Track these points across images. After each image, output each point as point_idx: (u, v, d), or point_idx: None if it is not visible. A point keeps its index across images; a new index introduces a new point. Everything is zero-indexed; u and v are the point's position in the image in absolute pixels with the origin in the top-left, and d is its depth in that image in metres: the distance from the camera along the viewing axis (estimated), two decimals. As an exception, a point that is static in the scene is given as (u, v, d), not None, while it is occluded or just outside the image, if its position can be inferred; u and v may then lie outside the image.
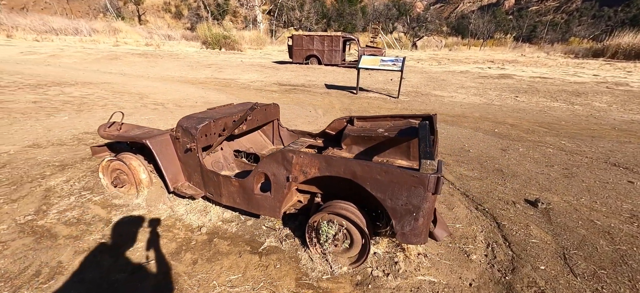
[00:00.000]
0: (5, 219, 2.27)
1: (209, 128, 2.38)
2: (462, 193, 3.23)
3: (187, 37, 29.21)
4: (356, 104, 7.78)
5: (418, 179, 1.66)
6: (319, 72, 13.29)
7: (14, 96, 5.90)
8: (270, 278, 1.88)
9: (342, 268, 1.99)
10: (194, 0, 52.01)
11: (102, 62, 12.80)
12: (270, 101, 7.51)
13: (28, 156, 3.41)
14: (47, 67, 10.58)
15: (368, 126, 3.04)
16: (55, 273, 1.79)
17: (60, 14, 37.34)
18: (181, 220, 2.38)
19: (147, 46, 23.48)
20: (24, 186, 2.77)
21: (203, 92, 7.92)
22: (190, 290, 1.75)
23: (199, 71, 11.87)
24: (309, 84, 10.37)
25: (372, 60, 8.91)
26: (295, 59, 15.80)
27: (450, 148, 4.61)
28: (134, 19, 43.59)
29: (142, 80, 9.27)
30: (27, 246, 2.00)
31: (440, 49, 35.83)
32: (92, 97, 6.39)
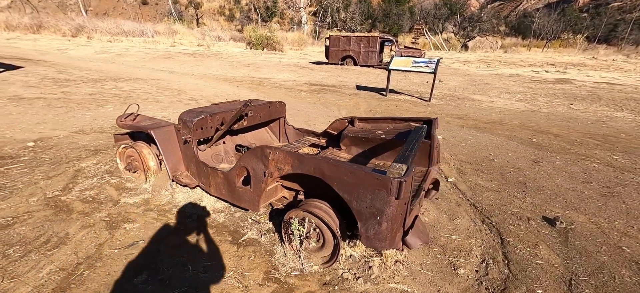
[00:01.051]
0: (38, 193, 2.65)
1: (206, 122, 2.53)
2: (471, 203, 3.00)
3: (235, 39, 30.95)
4: (383, 106, 7.60)
5: (381, 182, 1.60)
6: (352, 73, 13.20)
7: (76, 89, 6.81)
8: (241, 268, 1.95)
9: (313, 266, 1.99)
10: (246, 4, 54.91)
11: (156, 60, 14.15)
12: (298, 100, 7.66)
13: (72, 140, 3.93)
14: (111, 65, 12.00)
15: (368, 128, 2.97)
16: (61, 243, 2.05)
17: (133, 18, 41.82)
18: (177, 207, 2.56)
19: (199, 46, 25.36)
20: (61, 166, 3.21)
21: (236, 90, 8.35)
22: (166, 270, 1.89)
23: (237, 69, 12.53)
24: (339, 85, 10.36)
25: (404, 61, 8.61)
26: (331, 60, 15.88)
27: (471, 156, 4.30)
28: (192, 21, 47.31)
29: (185, 77, 10.07)
30: (46, 217, 2.32)
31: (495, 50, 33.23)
32: (138, 91, 7.12)
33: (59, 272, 1.81)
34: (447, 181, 3.49)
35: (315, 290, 1.83)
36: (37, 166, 3.15)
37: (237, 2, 55.90)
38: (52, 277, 1.76)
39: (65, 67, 9.67)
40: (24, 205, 2.45)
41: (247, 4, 54.37)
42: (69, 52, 15.87)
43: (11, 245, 2.00)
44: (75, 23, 28.57)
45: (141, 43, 24.38)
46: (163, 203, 2.61)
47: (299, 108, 6.75)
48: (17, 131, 4.12)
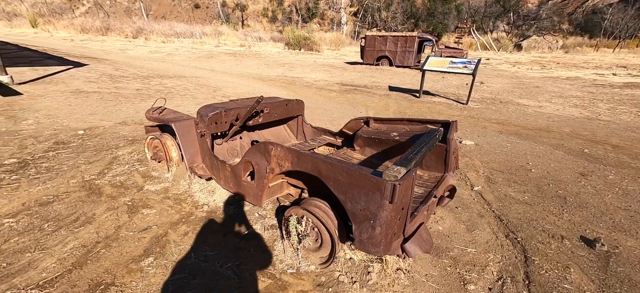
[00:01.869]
0: (77, 176, 2.96)
1: (220, 117, 2.63)
2: (496, 216, 2.76)
3: (275, 39, 31.87)
4: (414, 107, 7.30)
5: (374, 184, 1.53)
6: (386, 74, 12.87)
7: (127, 85, 7.51)
8: (239, 261, 1.99)
9: (310, 266, 1.97)
10: (288, 5, 56.31)
11: (200, 60, 15.10)
12: (327, 99, 7.67)
13: (115, 130, 4.34)
14: (161, 63, 13.04)
15: (384, 129, 2.87)
16: (87, 222, 2.27)
17: (186, 21, 45.05)
18: (192, 197, 2.70)
19: (241, 47, 26.55)
20: (101, 152, 3.55)
21: (268, 88, 8.59)
22: (171, 255, 1.99)
23: (273, 69, 12.88)
24: (371, 85, 10.16)
25: (441, 61, 8.19)
26: (366, 60, 15.64)
27: (506, 165, 3.95)
28: (238, 23, 49.67)
29: (223, 76, 10.60)
30: (80, 198, 2.58)
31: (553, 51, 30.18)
32: (179, 88, 7.64)
33: (80, 248, 2.00)
34: (472, 190, 3.24)
35: (309, 290, 1.80)
36: (82, 152, 3.52)
37: (279, 4, 57.55)
38: (74, 252, 1.96)
39: (121, 65, 10.72)
40: (64, 186, 2.75)
41: (289, 6, 55.70)
42: (128, 52, 17.55)
43: (47, 220, 2.26)
44: (136, 26, 31.54)
45: (190, 44, 26.17)
46: (180, 192, 2.77)
47: (325, 108, 6.75)
48: (73, 120, 4.65)
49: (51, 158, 3.31)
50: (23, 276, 1.73)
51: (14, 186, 2.69)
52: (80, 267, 1.83)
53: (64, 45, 17.85)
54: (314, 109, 6.58)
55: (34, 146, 3.57)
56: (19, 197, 2.52)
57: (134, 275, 1.81)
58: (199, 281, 1.79)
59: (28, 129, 4.10)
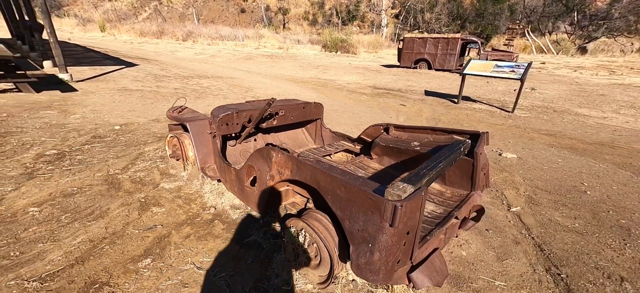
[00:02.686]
0: (104, 169, 3.11)
1: (231, 118, 2.58)
2: (536, 244, 2.36)
3: (312, 42, 32.16)
4: (450, 114, 6.77)
5: (374, 203, 1.33)
6: (424, 77, 12.23)
7: (167, 84, 7.97)
8: (235, 271, 1.89)
9: (307, 284, 1.81)
10: (329, 8, 56.63)
11: (239, 61, 15.67)
12: (357, 102, 7.44)
13: (147, 127, 4.56)
14: (203, 65, 13.75)
15: (405, 137, 2.62)
16: (100, 217, 2.34)
17: (232, 24, 47.33)
18: (201, 197, 2.68)
19: (279, 49, 27.18)
20: (130, 148, 3.72)
21: (298, 90, 8.58)
22: (169, 259, 1.96)
23: (306, 71, 12.91)
24: (406, 89, 9.69)
25: (483, 65, 7.53)
26: (403, 63, 15.04)
27: (554, 183, 3.43)
28: (279, 26, 51.05)
29: (258, 77, 10.84)
30: (100, 192, 2.69)
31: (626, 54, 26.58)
32: (213, 88, 7.93)
33: (87, 242, 2.05)
34: (509, 211, 2.83)
35: (302, 312, 1.64)
36: (113, 147, 3.73)
37: (320, 7, 58.07)
38: (81, 246, 2.00)
39: (167, 66, 11.47)
40: (89, 179, 2.90)
41: (330, 9, 55.97)
42: (177, 54, 18.82)
43: (66, 211, 2.37)
44: (186, 30, 33.86)
45: (232, 46, 27.41)
46: (191, 192, 2.77)
47: (354, 111, 6.52)
48: (113, 116, 4.99)
49: (85, 151, 3.54)
50: (30, 266, 1.80)
51: (47, 176, 2.89)
52: (82, 263, 1.86)
53: (123, 47, 19.66)
54: (342, 112, 6.40)
55: (75, 139, 3.86)
56: (49, 187, 2.69)
57: (129, 276, 1.79)
58: (189, 290, 1.72)
59: (74, 123, 4.46)
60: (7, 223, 2.18)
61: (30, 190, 2.62)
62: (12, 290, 1.63)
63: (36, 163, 3.12)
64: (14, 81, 5.83)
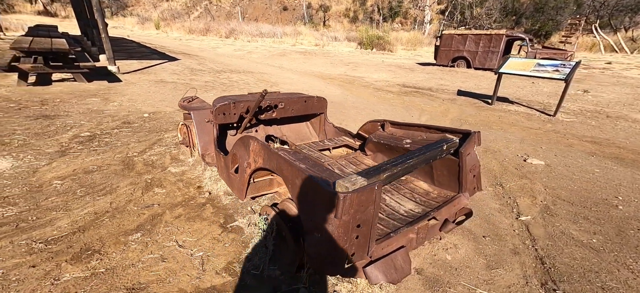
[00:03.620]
0: (124, 151, 3.43)
1: (228, 108, 2.68)
2: (538, 256, 2.16)
3: (349, 39, 31.91)
4: (480, 115, 6.33)
5: (321, 193, 1.32)
6: (459, 77, 11.54)
7: (200, 77, 8.47)
8: (212, 252, 1.99)
9: (275, 270, 1.84)
10: (371, 5, 55.68)
11: (273, 57, 16.10)
12: (381, 100, 7.28)
13: (171, 116, 4.91)
14: (240, 60, 14.36)
15: (400, 134, 2.53)
16: (108, 193, 2.59)
17: (274, 22, 48.67)
18: (201, 182, 2.84)
19: (315, 46, 27.40)
20: (152, 134, 4.05)
21: (323, 86, 8.60)
22: (156, 235, 2.11)
23: (336, 67, 12.88)
24: (437, 88, 9.23)
25: (523, 64, 6.91)
26: (439, 61, 14.32)
27: (581, 195, 3.08)
28: (319, 24, 51.29)
29: (288, 72, 11.06)
30: (116, 171, 2.97)
31: None
32: (241, 82, 8.26)
33: (92, 214, 2.29)
34: (517, 219, 2.61)
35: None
36: (138, 132, 4.08)
37: (362, 4, 57.27)
38: (86, 217, 2.25)
39: (204, 61, 12.18)
40: (110, 159, 3.22)
41: (372, 6, 54.96)
42: (218, 50, 19.86)
43: (82, 186, 2.66)
44: (229, 27, 35.55)
45: (270, 43, 28.23)
46: (193, 177, 2.94)
47: (375, 109, 6.39)
48: (146, 105, 5.44)
49: (113, 134, 3.92)
50: (40, 231, 2.06)
51: (76, 154, 3.26)
52: (83, 231, 2.09)
53: (172, 43, 21.24)
54: (362, 109, 6.30)
55: (107, 124, 4.29)
56: (74, 164, 3.03)
57: (118, 246, 1.97)
58: (165, 264, 1.85)
59: (111, 110, 4.95)
60: (34, 192, 2.51)
61: (59, 165, 2.98)
62: (22, 248, 1.88)
63: (70, 143, 3.53)
64: (70, 72, 6.62)
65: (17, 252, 1.84)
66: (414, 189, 2.18)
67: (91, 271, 1.76)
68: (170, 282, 1.72)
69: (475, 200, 2.90)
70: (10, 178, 2.68)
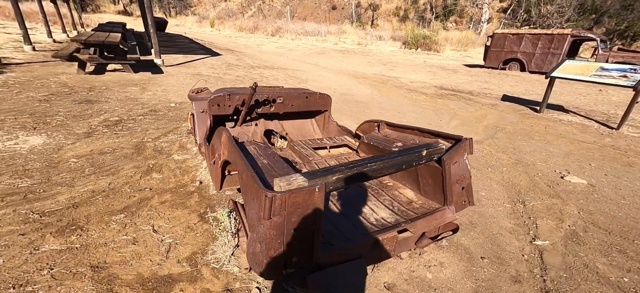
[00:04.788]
0: (140, 137, 3.65)
1: (223, 100, 2.69)
2: (545, 289, 1.82)
3: (394, 38, 30.89)
4: (522, 124, 5.64)
5: (256, 192, 1.23)
6: (509, 80, 10.45)
7: (234, 72, 8.81)
8: (181, 241, 2.00)
9: (234, 267, 1.79)
10: (423, 3, 53.28)
11: (311, 55, 16.20)
12: (411, 102, 6.88)
13: (195, 107, 5.14)
14: (278, 57, 14.71)
15: (394, 136, 2.33)
16: (111, 174, 2.77)
17: (322, 21, 49.06)
18: (196, 171, 2.90)
19: (358, 45, 27.02)
20: (171, 122, 4.27)
21: (353, 85, 8.39)
22: (137, 218, 2.19)
23: (373, 67, 12.50)
24: (479, 92, 8.46)
25: (581, 67, 5.99)
26: (489, 63, 13.13)
27: (625, 224, 2.55)
28: (367, 23, 50.42)
29: (322, 70, 11.02)
30: (126, 154, 3.18)
31: None
32: (271, 78, 8.42)
33: (90, 192, 2.45)
34: (531, 243, 2.23)
35: (212, 291, 1.63)
36: (159, 120, 4.34)
37: (414, 2, 55.00)
38: (84, 194, 2.42)
39: (244, 57, 12.68)
40: (125, 143, 3.45)
41: (424, 4, 52.53)
42: (261, 47, 20.60)
43: (93, 165, 2.88)
44: (276, 25, 36.69)
45: (312, 41, 28.50)
46: (191, 166, 3.02)
47: (401, 110, 6.04)
48: (176, 95, 5.79)
49: (138, 121, 4.22)
50: (41, 203, 2.26)
51: (99, 137, 3.56)
52: (76, 207, 2.24)
53: (221, 40, 22.54)
54: (387, 110, 6.01)
55: (136, 111, 4.63)
56: (93, 145, 3.31)
57: (100, 225, 2.08)
58: (134, 247, 1.90)
59: (144, 98, 5.36)
60: (51, 166, 2.78)
61: (81, 145, 3.28)
62: (20, 217, 2.08)
63: (98, 126, 3.87)
64: (120, 62, 7.32)
65: (15, 220, 2.04)
66: (397, 197, 1.97)
67: (68, 245, 1.87)
68: (131, 265, 1.76)
69: (484, 216, 2.55)
70: (37, 153, 3.00)
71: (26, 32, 9.08)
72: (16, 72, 6.38)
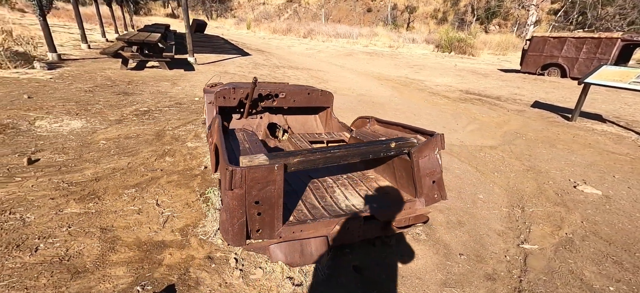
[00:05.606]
0: (163, 126, 4.04)
1: (228, 92, 2.93)
2: (518, 289, 1.81)
3: (428, 41, 30.05)
4: (548, 132, 5.34)
5: (223, 166, 1.41)
6: (545, 86, 9.80)
7: (258, 71, 9.21)
8: (179, 214, 2.24)
9: (218, 239, 1.99)
10: (464, 6, 51.09)
11: (338, 57, 16.34)
12: (430, 104, 6.78)
13: (217, 102, 5.52)
14: (306, 58, 15.04)
15: (380, 132, 2.42)
16: (132, 155, 3.12)
17: (357, 23, 48.91)
18: (205, 158, 3.17)
19: (389, 47, 26.68)
20: (193, 114, 4.65)
21: (374, 86, 8.39)
22: (145, 193, 2.48)
23: (399, 70, 12.34)
24: (508, 98, 8.06)
25: (620, 73, 5.53)
26: (526, 68, 12.37)
27: (634, 237, 2.40)
28: (403, 25, 49.28)
29: (344, 71, 11.12)
30: (147, 140, 3.55)
31: None
32: (293, 77, 8.68)
33: (111, 169, 2.81)
34: (518, 246, 2.20)
35: (197, 258, 1.84)
36: (182, 112, 4.73)
37: (454, 4, 52.84)
38: (105, 170, 2.77)
39: (272, 57, 13.14)
40: (149, 130, 3.84)
41: (465, 6, 50.29)
42: (292, 48, 21.14)
43: (118, 147, 3.27)
44: (308, 28, 37.33)
45: (343, 43, 28.60)
46: (201, 152, 3.30)
47: (416, 112, 5.97)
48: (201, 91, 6.21)
49: (163, 111, 4.64)
50: (71, 175, 2.64)
51: (128, 124, 3.99)
52: (97, 180, 2.59)
53: (254, 41, 23.46)
54: (403, 111, 5.98)
55: (163, 103, 5.09)
56: (121, 131, 3.73)
57: (113, 196, 2.39)
58: (137, 216, 2.17)
59: (173, 92, 5.84)
60: (84, 146, 3.20)
61: (111, 130, 3.71)
62: (53, 185, 2.45)
63: (129, 115, 4.33)
64: (157, 60, 8.00)
65: (48, 187, 2.42)
66: (374, 188, 2.04)
67: (85, 210, 2.19)
68: (133, 231, 2.03)
69: (474, 217, 2.53)
70: (75, 135, 3.47)
71: (84, 33, 10.22)
72: (71, 66, 7.24)
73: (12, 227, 1.94)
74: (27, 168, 2.66)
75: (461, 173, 3.40)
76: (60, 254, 1.77)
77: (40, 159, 2.84)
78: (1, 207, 2.12)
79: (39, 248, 1.80)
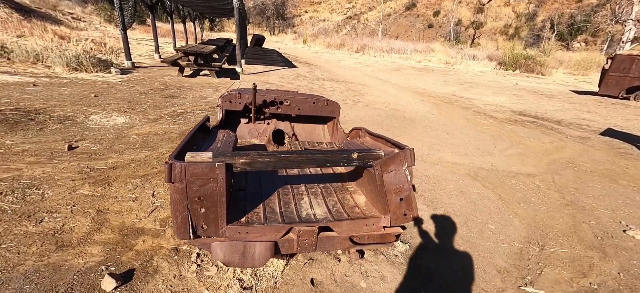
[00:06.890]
0: (190, 126, 4.40)
1: (234, 97, 3.07)
2: None
3: (491, 57, 27.77)
4: (611, 166, 4.48)
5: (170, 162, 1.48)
6: (626, 113, 8.28)
7: (297, 82, 9.50)
8: (166, 207, 2.40)
9: (189, 235, 2.07)
10: (542, 20, 46.43)
11: (385, 72, 16.04)
12: (471, 124, 6.27)
13: (247, 108, 5.83)
14: (351, 72, 15.10)
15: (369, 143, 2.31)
16: (152, 149, 3.45)
17: (417, 39, 47.71)
18: (211, 157, 3.36)
19: (445, 64, 25.36)
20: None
21: (414, 102, 8.02)
22: (148, 183, 2.71)
23: (447, 87, 11.60)
24: (571, 123, 6.98)
25: None
26: (605, 90, 10.62)
27: (683, 303, 1.87)
28: (467, 42, 46.32)
29: (387, 86, 10.86)
30: (170, 137, 3.89)
31: None
32: (329, 89, 8.76)
33: (130, 160, 3.14)
34: (519, 288, 1.87)
35: (164, 248, 1.94)
36: (213, 115, 5.09)
37: (530, 19, 48.20)
38: (124, 161, 3.11)
39: (316, 70, 13.48)
40: (175, 129, 4.22)
41: (543, 21, 45.50)
42: (341, 62, 21.45)
43: (144, 142, 3.64)
44: (362, 43, 37.54)
45: (395, 58, 28.04)
46: (211, 152, 3.50)
47: (450, 131, 5.52)
48: (239, 98, 6.65)
49: (196, 114, 5.06)
50: (97, 162, 3.01)
51: (162, 123, 4.44)
52: (115, 169, 2.92)
53: (307, 55, 24.38)
54: (435, 129, 5.58)
55: (200, 106, 5.55)
56: (154, 128, 4.15)
57: (121, 183, 2.66)
58: (131, 204, 2.38)
59: (212, 98, 6.35)
60: (117, 139, 3.64)
61: (145, 127, 4.16)
62: (78, 168, 2.83)
63: (165, 115, 4.82)
64: (207, 68, 8.81)
65: (74, 170, 2.80)
66: (346, 200, 1.92)
67: (93, 193, 2.48)
68: (121, 215, 2.23)
69: (476, 248, 2.22)
70: (115, 129, 3.97)
71: (157, 45, 11.75)
72: (139, 72, 8.36)
73: (32, 200, 2.28)
74: (66, 153, 3.12)
75: (478, 199, 3.03)
76: (57, 228, 2.02)
77: (79, 147, 3.31)
78: (33, 182, 2.51)
79: (43, 220, 2.08)
